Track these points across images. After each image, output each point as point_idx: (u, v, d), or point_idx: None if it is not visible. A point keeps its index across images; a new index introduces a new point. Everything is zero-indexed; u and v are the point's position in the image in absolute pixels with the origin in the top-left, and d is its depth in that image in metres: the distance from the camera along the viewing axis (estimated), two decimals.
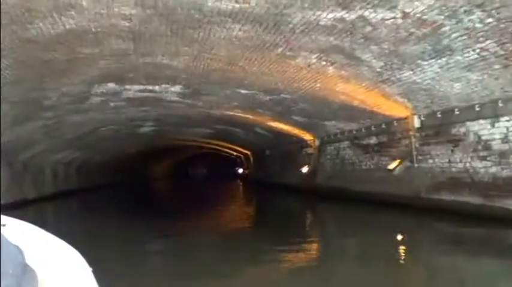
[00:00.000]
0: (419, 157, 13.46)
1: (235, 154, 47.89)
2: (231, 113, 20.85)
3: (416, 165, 13.58)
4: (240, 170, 48.66)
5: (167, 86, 16.01)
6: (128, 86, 15.99)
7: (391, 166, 14.21)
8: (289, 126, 20.96)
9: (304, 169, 22.12)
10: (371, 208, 15.07)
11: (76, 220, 20.71)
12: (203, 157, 74.86)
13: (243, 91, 15.90)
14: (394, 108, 13.72)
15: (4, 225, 1.11)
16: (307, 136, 21.85)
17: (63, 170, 34.39)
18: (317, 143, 21.08)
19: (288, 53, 11.11)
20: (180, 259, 10.24)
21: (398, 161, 14.11)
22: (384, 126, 15.33)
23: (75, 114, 20.16)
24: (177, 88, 16.34)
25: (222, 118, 23.12)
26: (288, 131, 22.15)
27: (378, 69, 11.13)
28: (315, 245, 11.83)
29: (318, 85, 13.52)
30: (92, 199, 34.55)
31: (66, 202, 29.75)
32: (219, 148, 46.35)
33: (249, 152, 38.85)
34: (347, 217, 15.40)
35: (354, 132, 17.45)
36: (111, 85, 15.61)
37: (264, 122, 21.74)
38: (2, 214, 0.97)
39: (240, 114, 20.83)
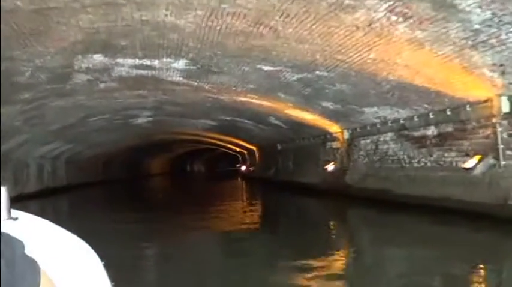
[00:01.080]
0: (508, 152, 10.07)
1: (238, 149, 44.53)
2: (243, 99, 17.49)
3: (503, 162, 10.18)
4: (243, 167, 45.28)
5: (169, 60, 12.63)
6: (119, 60, 12.62)
7: (468, 164, 10.74)
8: (314, 116, 17.60)
9: (330, 167, 18.77)
10: (429, 217, 11.73)
11: (63, 221, 17.30)
12: (202, 153, 72.00)
13: (265, 68, 12.52)
14: (472, 87, 10.33)
15: (16, 218, 1.39)
16: (334, 128, 18.51)
17: (50, 165, 31.08)
18: (346, 136, 17.74)
19: (346, 2, 7.75)
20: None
21: (478, 157, 10.67)
22: (449, 112, 11.92)
23: (58, 98, 16.80)
24: (181, 64, 12.96)
25: (231, 106, 19.78)
26: (310, 121, 18.82)
27: (477, 26, 7.77)
28: (348, 266, 8.48)
29: (371, 56, 10.15)
30: (82, 196, 31.41)
31: (53, 201, 26.39)
32: (221, 143, 42.99)
33: (254, 148, 35.49)
34: (393, 228, 11.94)
35: (402, 121, 14.04)
36: (98, 57, 12.23)
37: (282, 110, 18.39)
38: None
39: (254, 100, 17.47)
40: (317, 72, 12.12)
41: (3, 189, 1.59)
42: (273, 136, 26.32)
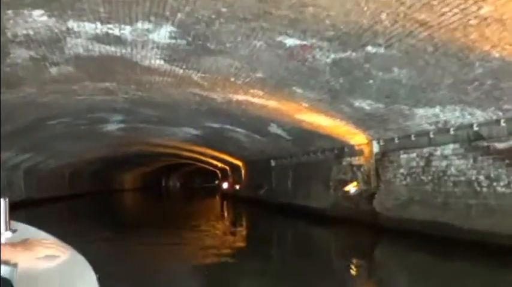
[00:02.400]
0: None
1: (219, 165, 40.27)
2: (243, 97, 13.40)
3: None
4: (225, 185, 40.96)
5: (146, 27, 8.48)
6: (73, 24, 8.45)
7: None
8: (333, 121, 13.53)
9: (351, 189, 14.60)
10: None
11: None
12: (178, 167, 67.82)
13: (288, 41, 8.38)
14: None
15: (15, 230, 1.63)
16: (358, 138, 14.44)
17: (4, 177, 26.62)
18: (376, 148, 13.65)
19: None
20: None
21: None
22: None
23: None
24: (163, 34, 8.81)
25: (223, 109, 15.72)
26: (325, 130, 14.79)
27: None
28: None
29: (483, 11, 6.13)
30: (42, 213, 27.06)
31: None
32: (201, 157, 38.70)
33: (240, 163, 31.31)
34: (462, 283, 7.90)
35: (476, 127, 9.95)
36: (41, 17, 8.06)
37: (290, 114, 14.32)
38: None
39: (256, 99, 13.38)
40: (368, 48, 8.04)
41: (3, 201, 1.80)
42: (267, 150, 22.23)
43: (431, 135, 11.31)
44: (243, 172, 31.61)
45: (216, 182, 58.65)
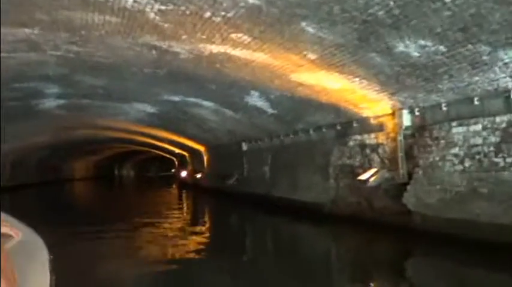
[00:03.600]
0: None
1: (177, 151, 36.05)
2: (220, 48, 9.37)
3: None
4: (183, 174, 36.84)
5: None
6: None
7: None
8: (349, 81, 9.51)
9: (369, 178, 10.61)
10: None
11: None
12: (132, 155, 63.31)
13: None
14: None
15: None
16: (375, 108, 10.51)
17: None
18: (406, 120, 9.71)
19: None
20: None
21: None
22: None
23: None
24: None
25: (188, 72, 11.69)
26: (330, 96, 10.85)
27: None
28: None
29: None
30: None
31: None
32: (156, 143, 34.40)
33: (202, 148, 27.22)
34: None
35: None
36: None
37: (285, 73, 10.33)
38: None
39: (238, 52, 9.36)
40: None
41: None
42: (239, 130, 18.26)
43: None
44: (205, 158, 27.56)
45: (173, 170, 54.86)
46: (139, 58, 11.04)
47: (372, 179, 10.27)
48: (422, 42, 7.02)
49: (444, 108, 8.80)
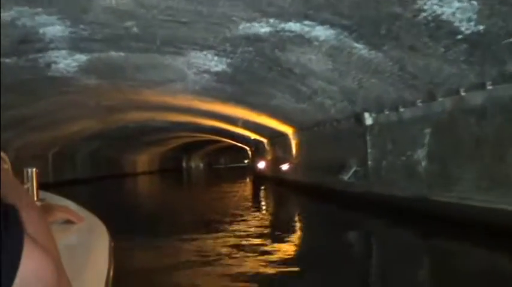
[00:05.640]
0: None
1: (252, 137, 28.91)
2: None
3: None
4: (261, 164, 29.75)
5: None
6: None
7: None
8: None
9: None
10: None
11: None
12: (201, 146, 57.61)
13: None
14: None
15: (44, 199, 1.66)
16: None
17: None
18: None
19: None
20: None
21: None
22: None
23: None
24: None
25: None
26: None
27: None
28: None
29: None
30: None
31: None
32: (227, 128, 27.43)
33: (290, 130, 20.02)
34: None
35: None
36: None
37: None
38: None
39: None
40: None
41: (34, 172, 2.03)
42: (367, 89, 10.91)
43: None
44: (293, 143, 20.31)
45: (246, 161, 48.93)
46: None
47: None
48: None
49: None
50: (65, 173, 31.08)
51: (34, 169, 2.07)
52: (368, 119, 11.99)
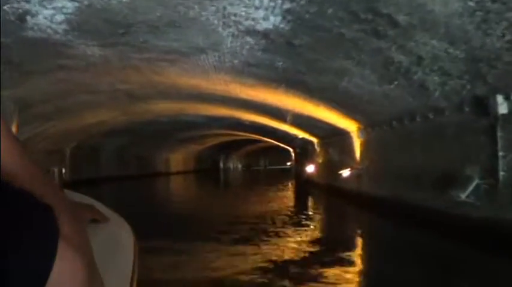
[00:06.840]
0: None
1: (300, 135, 24.54)
2: None
3: None
4: (310, 168, 25.38)
5: None
6: None
7: None
8: None
9: None
10: None
11: None
12: (240, 145, 54.09)
13: None
14: None
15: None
16: None
17: None
18: None
19: None
20: None
21: None
22: None
23: None
24: None
25: None
26: None
27: None
28: None
29: None
30: None
31: None
32: (270, 124, 23.20)
33: (352, 127, 15.65)
34: None
35: None
36: None
37: None
38: None
39: None
40: None
41: (56, 170, 8.30)
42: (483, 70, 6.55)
43: None
44: (356, 144, 15.93)
45: (289, 163, 45.42)
46: None
47: None
48: None
49: None
50: (84, 171, 27.44)
51: (58, 169, 1.31)
52: (502, 106, 7.56)
